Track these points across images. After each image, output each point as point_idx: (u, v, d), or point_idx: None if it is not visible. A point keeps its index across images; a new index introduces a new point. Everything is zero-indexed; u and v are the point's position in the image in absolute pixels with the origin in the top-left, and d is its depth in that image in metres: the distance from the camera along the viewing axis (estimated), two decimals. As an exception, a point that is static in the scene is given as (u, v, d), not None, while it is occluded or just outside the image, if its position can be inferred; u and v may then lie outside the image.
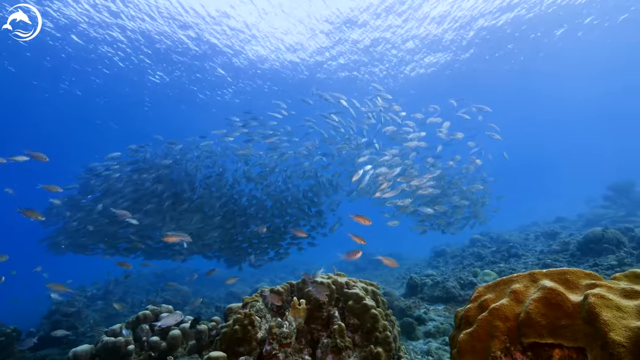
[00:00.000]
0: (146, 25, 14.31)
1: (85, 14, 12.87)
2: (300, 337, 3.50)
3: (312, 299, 3.57)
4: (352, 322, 3.47)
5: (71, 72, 17.08)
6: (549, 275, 1.70)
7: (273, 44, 16.59)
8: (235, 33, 15.48)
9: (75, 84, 18.36)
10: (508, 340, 1.57)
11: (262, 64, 18.14)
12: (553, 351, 1.46)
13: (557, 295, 1.51)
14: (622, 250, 7.87)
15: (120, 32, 14.48)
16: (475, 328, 1.67)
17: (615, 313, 1.34)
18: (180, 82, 19.06)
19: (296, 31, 15.88)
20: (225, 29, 15.15)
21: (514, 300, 1.65)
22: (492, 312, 1.65)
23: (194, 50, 16.42)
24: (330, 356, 3.22)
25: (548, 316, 1.49)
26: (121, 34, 14.56)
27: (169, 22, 14.36)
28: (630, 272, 1.69)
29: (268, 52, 17.27)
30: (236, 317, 3.52)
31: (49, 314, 9.31)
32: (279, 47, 16.86)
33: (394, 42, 16.72)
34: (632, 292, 1.42)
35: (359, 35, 16.20)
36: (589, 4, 14.98)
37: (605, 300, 1.38)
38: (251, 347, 3.43)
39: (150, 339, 4.20)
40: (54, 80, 17.72)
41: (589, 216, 13.63)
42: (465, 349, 1.66)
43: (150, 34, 14.85)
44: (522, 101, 26.29)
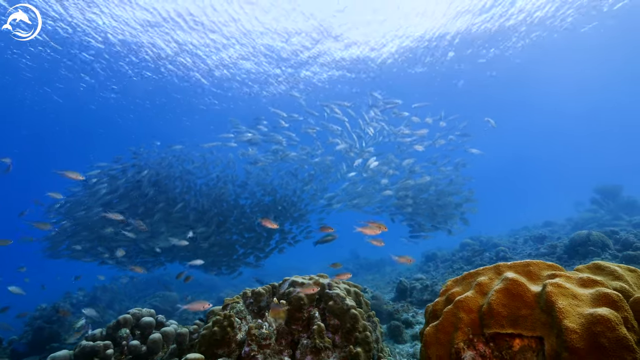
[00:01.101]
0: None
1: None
2: (280, 339, 3.46)
3: (293, 300, 3.54)
4: (332, 322, 3.45)
5: (58, 77, 16.93)
6: (513, 267, 1.71)
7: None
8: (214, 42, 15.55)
9: (61, 89, 18.22)
10: (471, 331, 1.57)
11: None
12: (514, 341, 1.47)
13: (518, 286, 1.52)
14: (607, 253, 7.96)
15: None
16: (441, 320, 1.67)
17: (570, 301, 1.35)
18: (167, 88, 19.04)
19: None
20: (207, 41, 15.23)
21: (479, 292, 1.66)
22: (456, 304, 1.65)
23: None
24: (310, 357, 3.19)
25: (509, 307, 1.50)
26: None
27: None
28: (592, 263, 1.71)
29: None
30: (215, 319, 3.48)
31: (30, 321, 9.09)
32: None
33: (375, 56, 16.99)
34: (589, 281, 1.44)
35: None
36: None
37: (562, 289, 1.40)
38: (230, 349, 3.38)
39: (130, 342, 4.12)
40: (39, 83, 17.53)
41: (577, 220, 13.78)
42: (430, 341, 1.65)
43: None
44: (515, 109, 26.68)
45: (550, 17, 15.42)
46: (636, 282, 1.55)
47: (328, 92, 19.49)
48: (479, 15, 14.58)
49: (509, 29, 16.02)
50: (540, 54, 18.52)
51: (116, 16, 12.17)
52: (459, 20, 14.89)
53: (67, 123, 23.07)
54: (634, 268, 1.64)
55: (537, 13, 15.07)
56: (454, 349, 1.55)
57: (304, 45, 15.80)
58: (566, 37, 16.98)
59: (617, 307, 1.27)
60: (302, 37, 15.18)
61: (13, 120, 22.68)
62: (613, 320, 1.19)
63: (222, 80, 18.24)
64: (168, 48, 15.10)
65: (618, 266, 1.63)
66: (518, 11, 14.78)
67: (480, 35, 16.07)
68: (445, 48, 16.82)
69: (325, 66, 17.49)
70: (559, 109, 28.21)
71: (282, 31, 14.77)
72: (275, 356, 3.30)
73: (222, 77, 17.96)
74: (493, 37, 16.47)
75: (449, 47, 16.73)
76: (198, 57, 16.09)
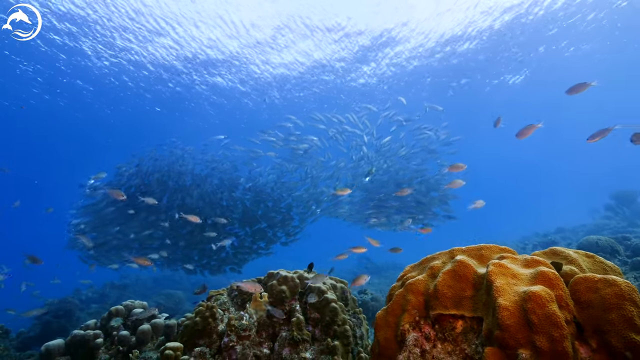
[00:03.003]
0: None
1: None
2: (261, 331, 3.47)
3: (275, 293, 3.55)
4: (313, 316, 3.44)
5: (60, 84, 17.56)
6: (466, 251, 1.68)
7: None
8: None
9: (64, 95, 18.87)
10: (418, 313, 1.55)
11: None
12: (457, 322, 1.44)
13: (465, 268, 1.50)
14: (616, 259, 7.67)
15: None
16: (391, 303, 1.65)
17: (509, 280, 1.32)
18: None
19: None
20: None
21: (429, 275, 1.64)
22: (407, 287, 1.63)
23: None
24: (287, 349, 3.19)
25: (454, 288, 1.48)
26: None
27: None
28: (549, 249, 1.66)
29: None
30: (197, 309, 3.51)
31: (40, 314, 9.36)
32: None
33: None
34: (533, 262, 1.40)
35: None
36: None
37: (503, 269, 1.37)
38: (212, 340, 3.41)
39: (120, 333, 4.20)
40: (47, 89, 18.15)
41: (591, 227, 13.32)
42: (379, 324, 1.64)
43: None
44: (525, 116, 26.11)
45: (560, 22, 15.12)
46: (591, 268, 1.50)
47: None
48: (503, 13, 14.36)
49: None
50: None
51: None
52: (487, 20, 14.73)
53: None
54: (592, 254, 1.58)
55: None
56: (399, 330, 1.53)
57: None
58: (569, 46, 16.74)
59: (552, 285, 1.23)
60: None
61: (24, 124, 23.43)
62: (544, 297, 1.16)
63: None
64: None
65: (575, 252, 1.58)
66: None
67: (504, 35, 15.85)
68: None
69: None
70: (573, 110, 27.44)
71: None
72: (255, 347, 3.31)
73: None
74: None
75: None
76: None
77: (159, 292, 13.48)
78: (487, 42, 16.08)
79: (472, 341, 1.35)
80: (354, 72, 17.84)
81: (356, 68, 17.56)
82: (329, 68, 17.26)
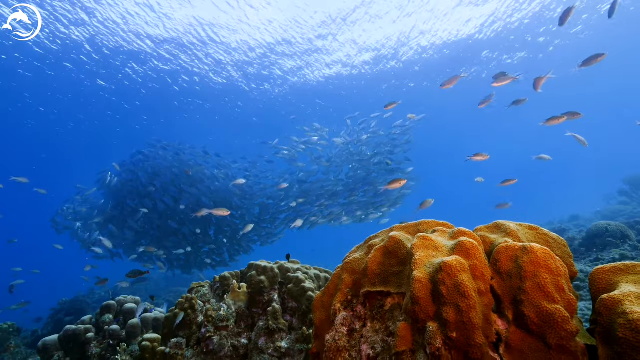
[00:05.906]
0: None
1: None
2: (240, 321, 3.46)
3: (253, 284, 3.54)
4: (291, 305, 3.41)
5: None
6: (405, 227, 1.61)
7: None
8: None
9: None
10: (351, 292, 1.49)
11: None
12: (386, 300, 1.37)
13: (395, 243, 1.43)
14: (627, 244, 7.34)
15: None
16: (327, 284, 1.60)
17: (430, 252, 1.25)
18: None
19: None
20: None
21: (366, 253, 1.57)
22: (343, 266, 1.58)
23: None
24: (263, 339, 3.17)
25: (384, 264, 1.41)
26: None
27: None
28: (493, 223, 1.57)
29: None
30: (178, 301, 3.53)
31: (53, 313, 9.67)
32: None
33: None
34: (459, 233, 1.32)
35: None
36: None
37: (427, 242, 1.29)
38: (191, 331, 3.43)
39: (111, 327, 4.27)
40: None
41: (605, 213, 12.83)
42: (316, 305, 1.59)
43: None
44: (539, 104, 25.35)
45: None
46: (532, 240, 1.41)
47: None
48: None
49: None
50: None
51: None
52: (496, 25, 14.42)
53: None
54: (536, 226, 1.49)
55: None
56: (332, 310, 1.48)
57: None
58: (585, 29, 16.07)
59: (469, 255, 1.15)
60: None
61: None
62: (455, 267, 1.09)
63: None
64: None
65: (518, 224, 1.49)
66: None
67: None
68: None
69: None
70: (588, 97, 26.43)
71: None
72: (233, 338, 3.31)
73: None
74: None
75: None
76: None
77: (169, 289, 13.74)
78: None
79: (397, 318, 1.29)
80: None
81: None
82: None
